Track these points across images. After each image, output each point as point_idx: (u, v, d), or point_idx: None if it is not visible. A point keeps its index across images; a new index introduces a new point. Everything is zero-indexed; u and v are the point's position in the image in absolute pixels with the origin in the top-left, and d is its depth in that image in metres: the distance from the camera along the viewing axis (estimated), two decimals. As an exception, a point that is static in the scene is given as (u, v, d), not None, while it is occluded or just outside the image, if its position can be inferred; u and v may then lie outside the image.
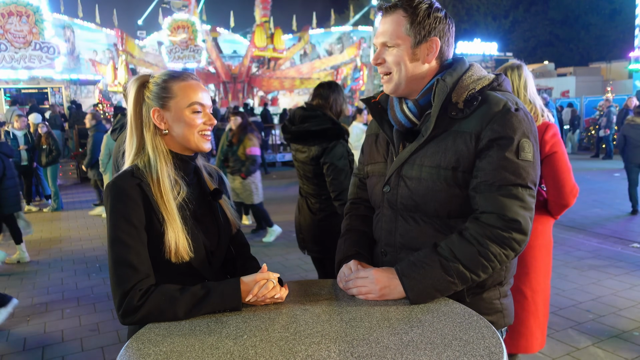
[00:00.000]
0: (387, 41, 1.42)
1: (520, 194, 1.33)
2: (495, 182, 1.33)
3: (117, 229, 1.32)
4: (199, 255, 1.41)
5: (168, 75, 1.44)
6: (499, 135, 1.33)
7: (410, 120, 1.46)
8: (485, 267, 1.33)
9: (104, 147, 6.54)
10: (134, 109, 1.43)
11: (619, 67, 27.65)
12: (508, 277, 1.51)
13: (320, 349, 1.08)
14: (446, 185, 1.38)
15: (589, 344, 3.31)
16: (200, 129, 1.43)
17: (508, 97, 1.40)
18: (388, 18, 1.42)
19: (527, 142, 1.34)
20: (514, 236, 1.32)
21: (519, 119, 1.34)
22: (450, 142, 1.38)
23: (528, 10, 36.20)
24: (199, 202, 1.48)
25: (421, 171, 1.41)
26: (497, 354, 1.04)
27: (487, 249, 1.31)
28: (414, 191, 1.42)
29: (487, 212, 1.33)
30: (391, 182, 1.48)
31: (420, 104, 1.45)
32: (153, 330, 1.22)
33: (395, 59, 1.42)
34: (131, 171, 1.39)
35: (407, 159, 1.44)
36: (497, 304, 1.48)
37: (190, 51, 21.70)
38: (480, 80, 1.42)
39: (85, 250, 6.34)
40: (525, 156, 1.33)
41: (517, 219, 1.31)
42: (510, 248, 1.33)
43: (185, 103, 1.41)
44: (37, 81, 17.83)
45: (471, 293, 1.43)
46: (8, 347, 3.66)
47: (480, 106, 1.37)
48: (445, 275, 1.31)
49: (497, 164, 1.32)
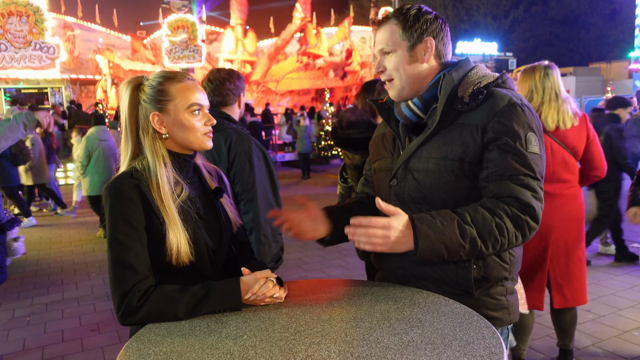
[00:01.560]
0: (384, 47, 1.49)
1: (532, 184, 1.36)
2: (506, 172, 1.36)
3: (116, 230, 1.32)
4: (201, 255, 1.41)
5: (163, 77, 1.42)
6: (506, 129, 1.37)
7: (415, 114, 1.50)
8: (496, 240, 1.33)
9: (84, 149, 6.46)
10: (128, 113, 1.40)
11: (619, 67, 27.65)
12: (513, 273, 1.51)
13: (320, 349, 1.08)
14: (453, 177, 1.41)
15: (589, 344, 3.31)
16: (202, 131, 1.42)
17: (513, 93, 1.45)
18: (382, 28, 1.50)
19: (533, 136, 1.39)
20: (528, 220, 1.35)
21: (525, 113, 1.39)
22: (457, 134, 1.41)
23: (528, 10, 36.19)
24: (201, 200, 1.48)
25: (428, 163, 1.44)
26: (497, 354, 1.03)
27: (503, 222, 1.33)
28: (422, 183, 1.45)
29: (503, 196, 1.36)
30: (398, 175, 1.51)
31: (424, 99, 1.49)
32: (153, 330, 1.22)
33: (394, 65, 1.48)
34: (130, 172, 1.38)
35: (414, 151, 1.47)
36: (503, 300, 1.49)
37: (190, 51, 21.68)
38: (485, 77, 1.47)
39: (85, 250, 6.34)
40: (533, 149, 1.37)
41: (532, 204, 1.35)
42: (521, 231, 1.35)
43: (184, 105, 1.39)
44: (37, 81, 17.83)
45: (478, 287, 1.44)
46: (8, 347, 3.66)
47: (485, 100, 1.41)
48: (459, 237, 1.31)
49: (507, 155, 1.36)
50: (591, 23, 34.63)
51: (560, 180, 2.70)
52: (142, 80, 1.43)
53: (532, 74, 2.72)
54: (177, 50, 21.56)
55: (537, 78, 2.69)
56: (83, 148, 6.45)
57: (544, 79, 2.67)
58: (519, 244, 1.39)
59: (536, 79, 2.69)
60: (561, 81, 2.71)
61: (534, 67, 2.74)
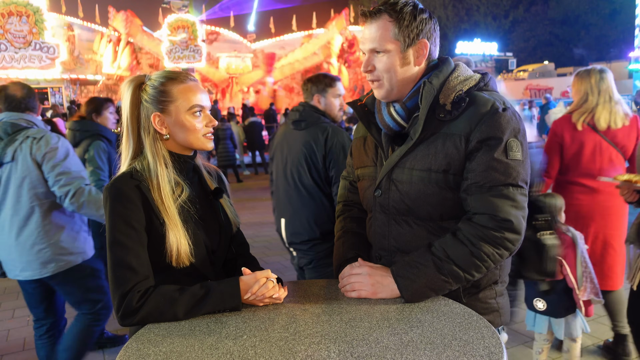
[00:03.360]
0: (377, 47, 1.40)
1: (512, 193, 1.34)
2: (486, 184, 1.34)
3: (116, 230, 1.32)
4: (201, 256, 1.41)
5: (166, 77, 1.42)
6: (487, 136, 1.34)
7: (398, 124, 1.45)
8: (478, 267, 1.34)
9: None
10: (130, 112, 1.40)
11: (619, 67, 27.62)
12: (503, 276, 1.51)
13: (320, 349, 1.08)
14: (438, 189, 1.38)
15: (588, 344, 3.31)
16: (203, 133, 1.42)
17: (495, 96, 1.40)
18: (374, 24, 1.40)
19: (515, 142, 1.35)
20: (506, 236, 1.33)
21: (506, 119, 1.35)
22: (440, 144, 1.38)
23: (528, 10, 36.19)
24: (200, 201, 1.48)
25: (412, 175, 1.41)
26: (496, 354, 1.04)
27: (479, 249, 1.32)
28: (406, 195, 1.42)
29: (479, 213, 1.34)
30: (382, 186, 1.47)
31: (407, 107, 1.44)
32: (153, 330, 1.22)
33: (385, 66, 1.41)
34: (130, 173, 1.38)
35: (396, 162, 1.43)
36: (493, 303, 1.48)
37: (190, 51, 21.68)
38: (467, 80, 1.42)
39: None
40: (514, 155, 1.34)
41: (509, 218, 1.32)
42: (503, 247, 1.34)
43: (186, 106, 1.39)
44: (37, 81, 17.82)
45: (467, 293, 1.43)
46: (8, 347, 3.65)
47: (468, 107, 1.37)
48: (439, 275, 1.32)
49: (487, 164, 1.33)
50: (591, 23, 34.64)
51: None
52: (144, 79, 1.43)
53: (587, 77, 2.88)
54: (177, 50, 21.55)
55: (593, 81, 2.86)
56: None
57: (600, 82, 2.85)
58: (507, 257, 1.38)
59: (592, 82, 2.86)
60: (614, 83, 2.89)
61: (588, 70, 2.91)
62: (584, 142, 2.89)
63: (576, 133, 2.90)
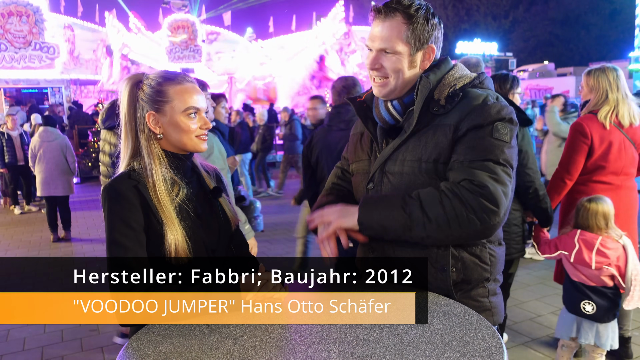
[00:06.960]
0: (387, 47, 1.40)
1: (492, 167, 1.32)
2: (466, 159, 1.34)
3: (115, 231, 1.32)
4: (199, 254, 1.41)
5: (163, 77, 1.41)
6: (475, 123, 1.35)
7: (394, 118, 1.48)
8: (441, 216, 1.30)
9: None
10: (127, 110, 1.41)
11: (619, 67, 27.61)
12: (495, 273, 1.49)
13: (320, 349, 1.08)
14: (428, 178, 1.39)
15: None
16: (196, 134, 1.42)
17: (489, 92, 1.42)
18: (387, 23, 1.40)
19: (503, 125, 1.35)
20: (480, 201, 1.29)
21: (497, 108, 1.37)
22: (430, 135, 1.40)
23: (528, 10, 36.20)
24: (199, 200, 1.48)
25: (403, 166, 1.42)
26: (497, 354, 1.03)
27: (449, 199, 1.30)
28: (397, 186, 1.43)
29: (457, 180, 1.34)
30: (375, 179, 1.49)
31: (404, 102, 1.46)
32: (153, 330, 1.22)
33: (394, 66, 1.41)
34: (128, 173, 1.38)
35: (390, 155, 1.45)
36: (485, 302, 1.48)
37: (190, 51, 21.67)
38: (462, 78, 1.44)
39: (85, 250, 6.34)
40: (500, 136, 1.34)
41: (486, 184, 1.29)
42: (473, 213, 1.29)
43: (181, 108, 1.39)
44: (37, 81, 17.82)
45: (459, 289, 1.43)
46: (8, 347, 3.65)
47: (460, 101, 1.39)
48: (402, 211, 1.32)
49: (470, 144, 1.34)
50: (591, 23, 34.64)
51: (626, 174, 2.90)
52: (142, 77, 1.43)
53: (604, 74, 2.85)
54: (177, 50, 21.55)
55: (612, 78, 2.84)
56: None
57: (617, 80, 2.83)
58: (478, 228, 1.30)
59: (610, 79, 2.83)
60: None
61: (603, 68, 2.88)
62: (612, 140, 2.83)
63: (604, 132, 2.82)
